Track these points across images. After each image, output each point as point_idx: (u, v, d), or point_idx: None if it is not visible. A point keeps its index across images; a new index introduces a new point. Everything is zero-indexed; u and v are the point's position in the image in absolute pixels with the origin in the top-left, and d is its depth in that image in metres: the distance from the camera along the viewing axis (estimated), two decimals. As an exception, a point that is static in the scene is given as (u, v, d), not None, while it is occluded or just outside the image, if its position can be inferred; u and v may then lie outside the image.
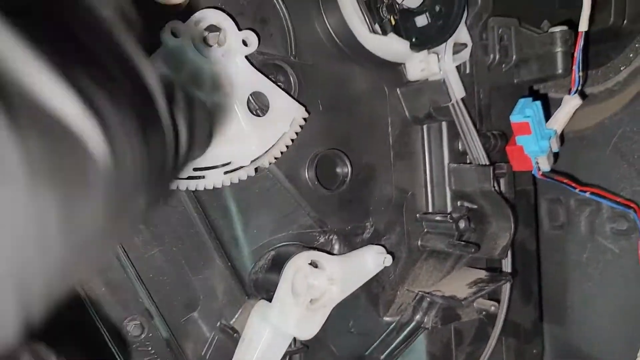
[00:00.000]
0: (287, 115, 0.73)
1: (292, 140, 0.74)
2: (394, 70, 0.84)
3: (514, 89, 0.90)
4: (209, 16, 0.69)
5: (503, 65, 0.88)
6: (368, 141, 0.83)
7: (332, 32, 0.79)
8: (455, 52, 0.81)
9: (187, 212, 0.74)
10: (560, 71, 0.85)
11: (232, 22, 0.70)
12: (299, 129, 0.75)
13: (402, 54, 0.78)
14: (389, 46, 0.76)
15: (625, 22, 0.99)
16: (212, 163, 0.69)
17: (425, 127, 0.86)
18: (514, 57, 0.88)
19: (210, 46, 0.68)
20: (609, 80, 0.97)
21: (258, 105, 0.73)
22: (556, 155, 0.86)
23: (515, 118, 0.82)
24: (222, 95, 0.69)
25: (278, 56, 0.76)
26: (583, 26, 0.83)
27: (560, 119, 0.85)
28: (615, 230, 0.93)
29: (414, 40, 0.77)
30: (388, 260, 0.78)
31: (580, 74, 0.84)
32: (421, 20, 0.79)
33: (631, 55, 0.96)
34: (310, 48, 0.79)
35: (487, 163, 0.82)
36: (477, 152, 0.82)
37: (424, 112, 0.83)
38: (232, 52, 0.70)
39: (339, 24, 0.78)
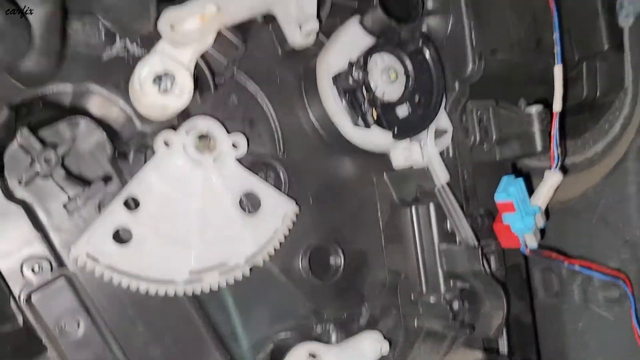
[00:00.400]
0: (278, 211, 0.76)
1: (285, 235, 0.76)
2: (380, 157, 0.87)
3: (497, 166, 0.93)
4: (199, 124, 0.72)
5: (484, 145, 0.92)
6: (359, 228, 0.85)
7: (317, 127, 0.82)
8: (436, 138, 0.85)
9: (186, 310, 0.75)
10: (539, 149, 0.89)
11: (222, 127, 0.73)
12: (290, 224, 0.77)
13: (386, 144, 0.81)
14: (373, 138, 0.80)
15: (598, 94, 1.03)
16: (208, 265, 0.71)
17: (413, 208, 0.88)
18: (494, 136, 0.91)
19: (202, 153, 0.71)
20: (587, 150, 1.01)
21: (251, 204, 0.75)
22: (543, 231, 0.88)
23: (499, 197, 0.85)
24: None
25: (267, 154, 0.79)
26: (557, 107, 0.87)
27: (543, 194, 0.88)
28: (607, 298, 0.94)
29: (396, 130, 0.81)
30: (385, 348, 0.79)
31: (559, 150, 0.87)
32: (402, 111, 0.83)
33: (606, 126, 0.99)
34: (297, 143, 0.82)
35: (476, 244, 0.83)
36: (466, 233, 0.84)
37: (412, 197, 0.86)
38: (223, 157, 0.72)
39: (324, 119, 0.81)
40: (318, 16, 0.77)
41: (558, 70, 0.87)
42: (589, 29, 0.99)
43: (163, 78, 0.64)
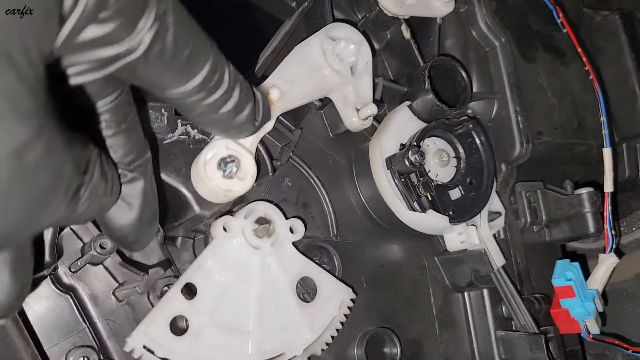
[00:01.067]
0: (335, 298, 0.73)
1: (342, 323, 0.73)
2: (428, 238, 0.85)
3: (548, 248, 0.91)
4: (258, 209, 0.71)
5: (534, 227, 0.90)
6: (413, 314, 0.82)
7: (370, 210, 0.81)
8: (490, 220, 0.83)
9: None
10: (592, 231, 0.87)
11: (280, 212, 0.72)
12: (347, 311, 0.74)
13: (441, 227, 0.79)
14: (429, 221, 0.78)
15: (639, 174, 1.03)
16: (266, 356, 0.67)
17: (466, 294, 0.86)
18: (544, 218, 0.90)
19: (260, 237, 0.70)
20: (636, 230, 0.99)
21: (305, 290, 0.73)
22: (603, 315, 0.85)
23: (557, 282, 0.82)
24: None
25: (321, 238, 0.78)
26: (608, 187, 0.87)
27: (600, 278, 0.86)
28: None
29: (450, 213, 0.79)
30: None
31: (613, 232, 0.86)
32: (455, 194, 0.82)
33: (652, 206, 0.99)
34: (350, 226, 0.81)
35: (537, 330, 0.80)
36: (525, 319, 0.81)
37: (465, 281, 0.84)
38: (280, 241, 0.71)
39: (376, 201, 0.80)
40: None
41: (607, 153, 0.88)
42: (627, 111, 1.00)
43: (228, 162, 0.64)
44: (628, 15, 1.02)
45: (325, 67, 0.73)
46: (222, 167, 0.64)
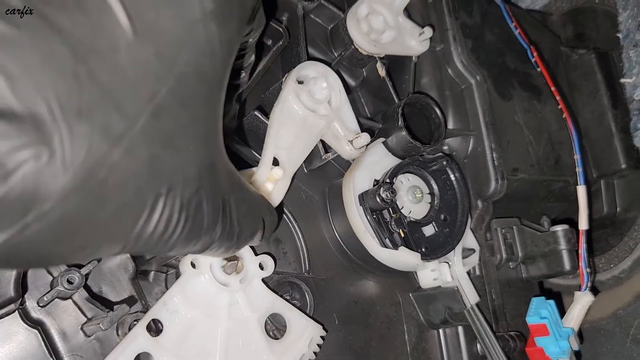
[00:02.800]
0: (305, 335, 0.72)
1: (311, 360, 0.72)
2: (404, 275, 0.85)
3: (524, 285, 0.91)
4: (227, 245, 0.71)
5: (510, 264, 0.90)
6: (386, 352, 0.81)
7: (344, 246, 0.81)
8: (464, 257, 0.83)
9: None
10: (568, 268, 0.87)
11: (249, 248, 0.72)
12: (317, 348, 0.73)
13: (413, 264, 0.79)
14: (401, 258, 0.78)
15: (618, 211, 1.03)
16: (232, 396, 0.67)
17: (441, 331, 0.85)
18: (520, 254, 0.90)
19: (229, 274, 0.70)
20: (614, 268, 0.99)
21: (275, 326, 0.72)
22: (578, 354, 0.84)
23: (531, 320, 0.82)
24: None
25: (292, 274, 0.77)
26: (583, 225, 0.87)
27: (576, 316, 0.85)
28: None
29: (423, 250, 0.79)
30: None
31: (588, 270, 0.86)
32: (429, 230, 0.82)
33: (631, 244, 0.98)
34: (323, 262, 0.81)
35: (510, 369, 0.79)
36: (499, 358, 0.80)
37: (440, 318, 0.83)
38: (249, 278, 0.71)
39: (350, 237, 0.80)
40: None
41: (581, 191, 0.88)
42: (605, 148, 1.01)
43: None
44: (603, 55, 1.03)
45: (309, 116, 0.75)
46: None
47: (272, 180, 0.70)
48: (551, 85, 0.94)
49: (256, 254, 0.72)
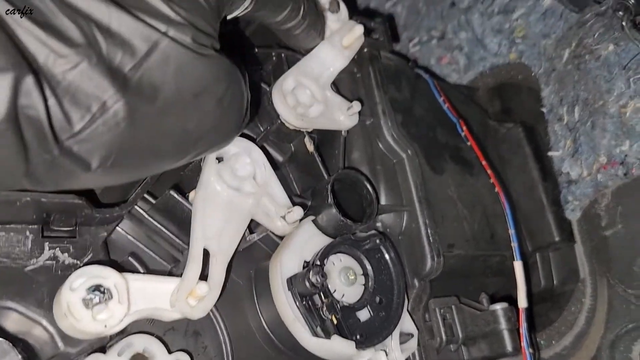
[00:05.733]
0: None
1: None
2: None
3: (467, 368, 0.85)
4: (135, 343, 0.62)
5: (451, 346, 0.85)
6: None
7: (272, 336, 0.74)
8: (402, 343, 0.77)
9: None
10: (510, 350, 0.83)
11: (162, 345, 0.63)
12: None
13: (348, 354, 0.73)
14: (334, 348, 0.71)
15: (555, 284, 1.01)
16: None
17: None
18: (461, 336, 0.85)
19: (137, 379, 0.61)
20: (555, 344, 0.96)
21: None
22: None
23: (476, 410, 0.76)
24: None
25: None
26: (522, 303, 0.84)
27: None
28: None
29: (358, 337, 0.73)
30: None
31: (531, 350, 0.82)
32: (364, 314, 0.76)
33: (570, 318, 0.96)
34: (249, 355, 0.73)
35: None
36: None
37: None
38: (161, 383, 0.62)
39: (278, 326, 0.73)
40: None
41: (518, 266, 0.85)
42: (538, 221, 1.00)
43: (98, 294, 0.56)
44: (530, 128, 1.05)
45: (234, 196, 0.70)
46: (91, 302, 0.56)
47: (195, 297, 0.63)
48: (482, 159, 0.93)
49: (170, 352, 0.64)
